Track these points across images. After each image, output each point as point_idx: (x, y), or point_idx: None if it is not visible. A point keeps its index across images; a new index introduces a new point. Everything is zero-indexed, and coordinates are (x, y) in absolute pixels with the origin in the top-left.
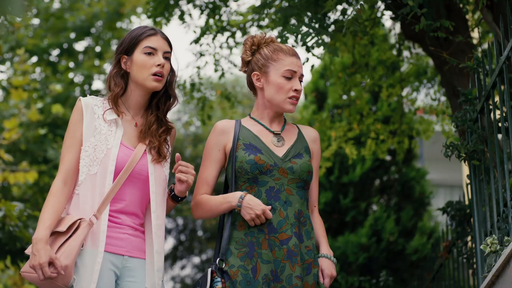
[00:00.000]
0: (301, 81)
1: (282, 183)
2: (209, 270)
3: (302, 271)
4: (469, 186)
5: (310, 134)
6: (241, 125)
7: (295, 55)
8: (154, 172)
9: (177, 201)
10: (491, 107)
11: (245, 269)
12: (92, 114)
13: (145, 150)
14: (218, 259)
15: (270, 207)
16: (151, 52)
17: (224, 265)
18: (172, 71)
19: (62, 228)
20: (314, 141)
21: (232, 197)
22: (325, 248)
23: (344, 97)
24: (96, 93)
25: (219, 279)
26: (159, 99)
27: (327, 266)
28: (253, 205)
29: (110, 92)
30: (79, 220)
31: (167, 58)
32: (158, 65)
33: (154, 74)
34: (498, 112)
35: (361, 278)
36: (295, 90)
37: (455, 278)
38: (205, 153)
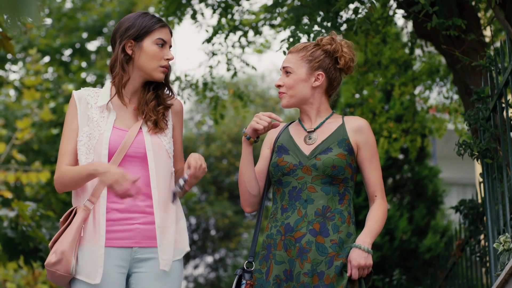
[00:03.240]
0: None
1: (305, 181)
2: (239, 270)
3: (312, 267)
4: (482, 185)
5: (353, 124)
6: (286, 128)
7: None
8: (152, 148)
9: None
10: (503, 105)
11: (260, 272)
12: (86, 105)
13: (140, 127)
14: (246, 261)
15: None
16: (163, 44)
17: (253, 267)
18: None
19: (61, 218)
20: (358, 130)
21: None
22: (360, 238)
23: (357, 95)
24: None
25: (244, 282)
26: (157, 83)
27: (355, 257)
28: (259, 114)
29: (113, 78)
30: (75, 208)
31: None
32: (167, 59)
33: (163, 66)
34: (510, 110)
35: (374, 277)
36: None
37: (468, 276)
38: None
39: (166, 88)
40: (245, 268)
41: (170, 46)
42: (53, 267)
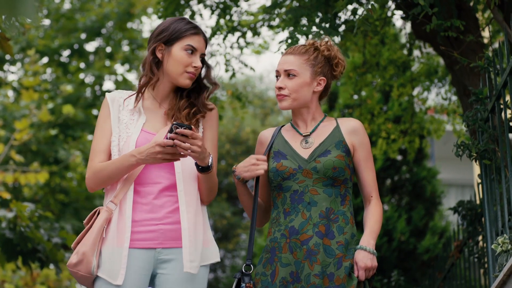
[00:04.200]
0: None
1: (307, 184)
2: (238, 274)
3: (322, 268)
4: (480, 186)
5: (348, 126)
6: (279, 133)
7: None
8: None
9: (202, 171)
10: (502, 106)
11: (265, 275)
12: (118, 107)
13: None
14: (244, 264)
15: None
16: (192, 51)
17: (251, 270)
18: (207, 66)
19: (84, 220)
20: (353, 132)
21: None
22: (364, 240)
23: (355, 96)
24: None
25: (243, 285)
26: (191, 90)
27: (361, 258)
28: (243, 162)
29: (140, 78)
30: (98, 209)
31: (202, 60)
32: (195, 66)
33: (189, 72)
34: (509, 111)
35: None
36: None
37: (466, 277)
38: None
39: (204, 94)
40: (244, 271)
41: (203, 55)
42: (74, 268)
